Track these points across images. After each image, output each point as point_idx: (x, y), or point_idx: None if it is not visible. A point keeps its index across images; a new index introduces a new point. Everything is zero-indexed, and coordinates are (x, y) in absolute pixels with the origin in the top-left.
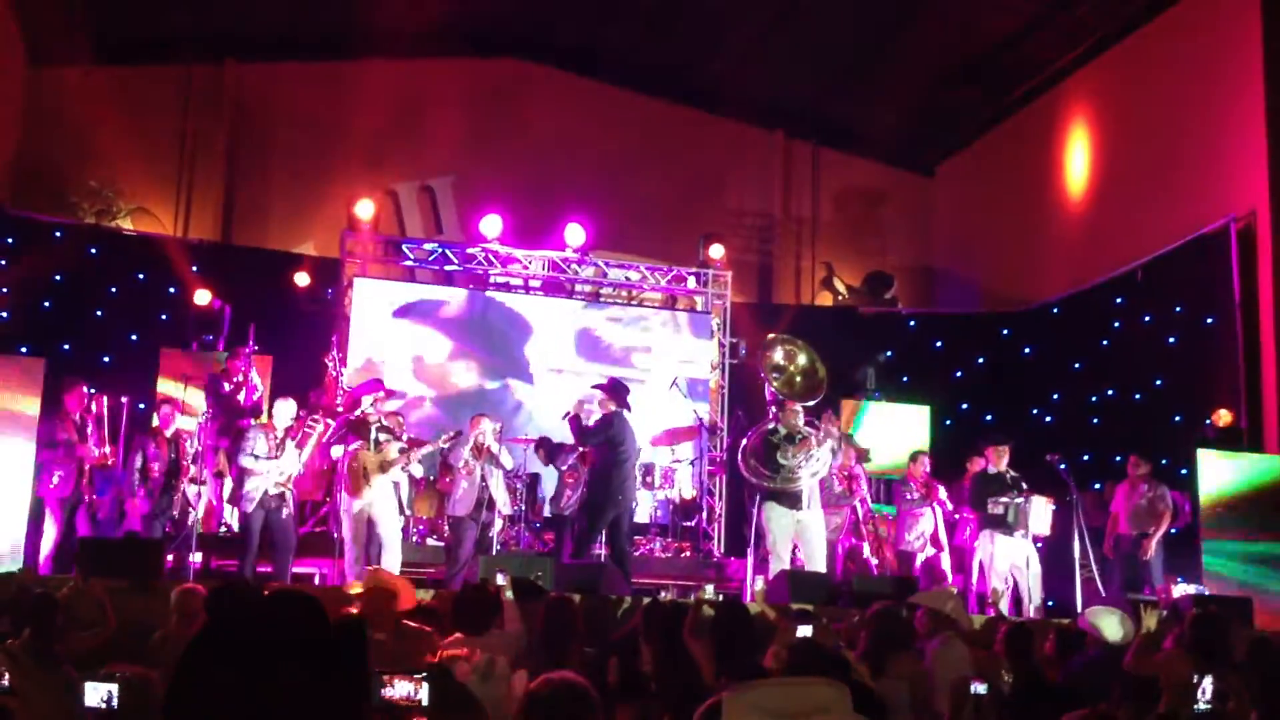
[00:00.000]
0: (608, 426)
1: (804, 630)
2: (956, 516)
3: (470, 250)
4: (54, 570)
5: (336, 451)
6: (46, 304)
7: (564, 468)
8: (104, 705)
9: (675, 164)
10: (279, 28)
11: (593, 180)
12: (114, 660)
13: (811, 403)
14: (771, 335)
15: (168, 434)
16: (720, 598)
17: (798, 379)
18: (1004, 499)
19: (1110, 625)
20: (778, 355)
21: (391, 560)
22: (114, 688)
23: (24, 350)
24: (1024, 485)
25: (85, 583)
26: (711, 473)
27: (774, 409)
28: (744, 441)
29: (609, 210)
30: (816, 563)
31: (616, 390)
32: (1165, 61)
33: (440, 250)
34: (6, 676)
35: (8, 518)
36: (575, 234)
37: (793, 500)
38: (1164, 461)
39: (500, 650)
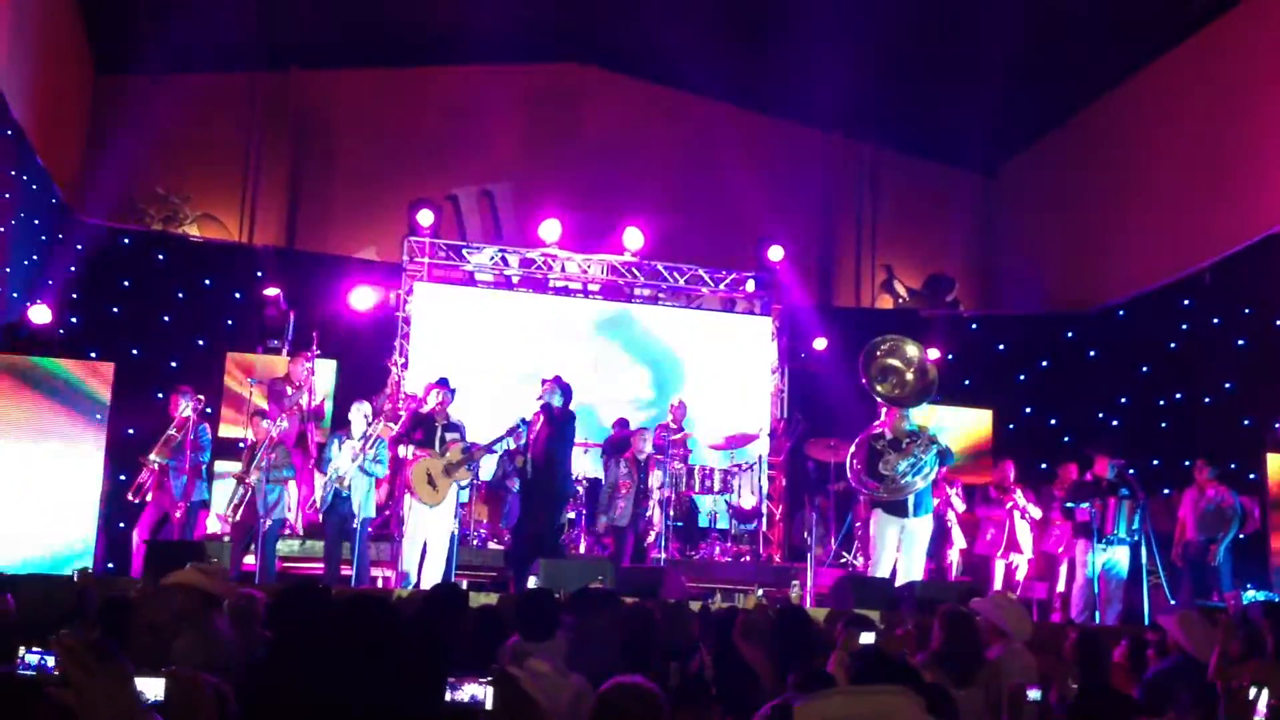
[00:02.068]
0: (572, 420)
1: (867, 637)
2: (1033, 520)
3: (529, 255)
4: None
5: (405, 452)
6: (115, 309)
7: (615, 479)
8: (152, 701)
9: (734, 167)
10: (341, 36)
11: (651, 184)
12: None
13: (922, 405)
14: (875, 340)
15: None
16: (764, 600)
17: (909, 376)
18: (1085, 505)
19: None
20: (885, 358)
21: (433, 570)
22: (162, 684)
23: (93, 355)
24: (1123, 492)
25: (154, 585)
26: (771, 477)
27: (883, 412)
28: (850, 449)
29: (667, 214)
30: (914, 570)
31: (566, 388)
32: (1232, 58)
33: (500, 254)
34: (61, 668)
35: (78, 518)
36: (634, 238)
37: (899, 508)
38: (1233, 466)
39: (562, 655)
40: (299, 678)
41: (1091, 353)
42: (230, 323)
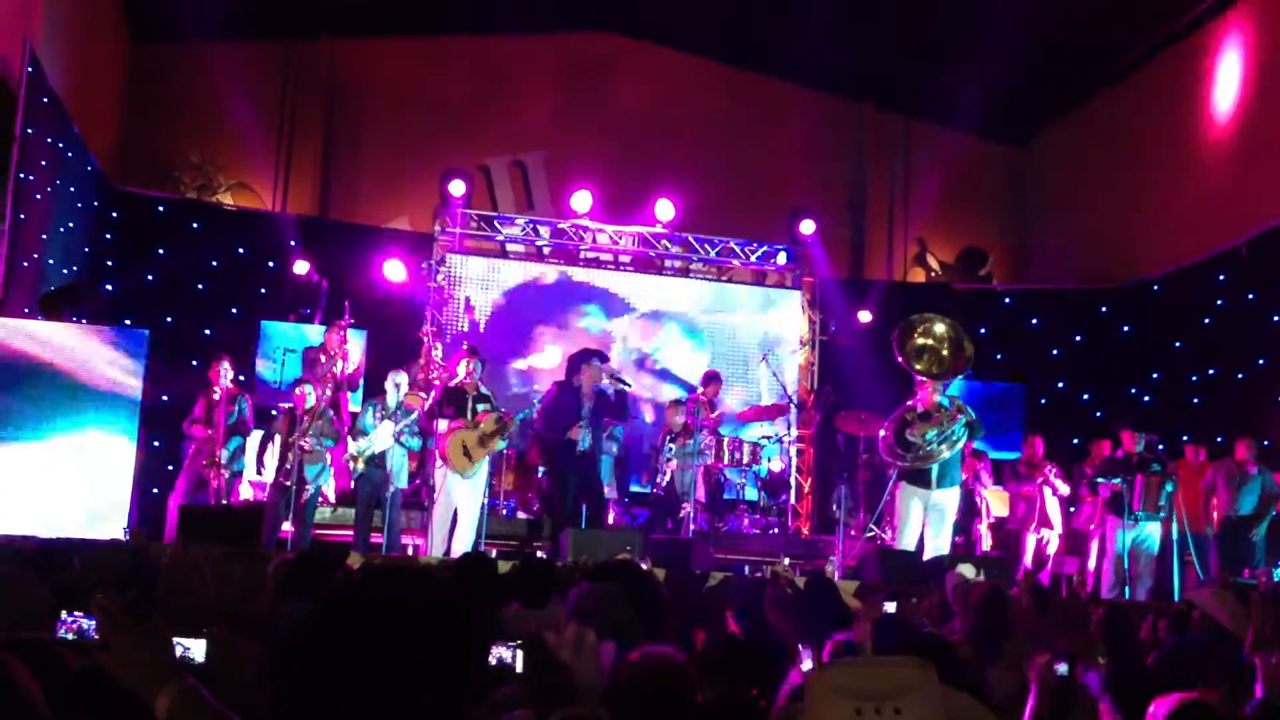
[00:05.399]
0: (549, 402)
1: (889, 607)
2: (1064, 495)
3: (561, 226)
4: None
5: (442, 426)
6: (150, 277)
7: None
8: (192, 661)
9: (765, 138)
10: (372, 4)
11: (683, 155)
12: (210, 624)
13: (959, 377)
14: (905, 320)
15: (299, 413)
16: (789, 569)
17: (943, 351)
18: (1113, 480)
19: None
20: (918, 337)
21: (463, 539)
22: (203, 644)
23: (128, 322)
24: (1155, 467)
25: (186, 551)
26: (800, 450)
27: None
28: (884, 425)
29: (699, 185)
30: (940, 544)
31: (568, 361)
32: (1269, 29)
33: (531, 225)
34: (99, 630)
35: (112, 484)
36: (665, 209)
37: (924, 479)
38: (1266, 443)
39: (561, 622)
40: (335, 645)
41: (1125, 328)
42: (263, 291)
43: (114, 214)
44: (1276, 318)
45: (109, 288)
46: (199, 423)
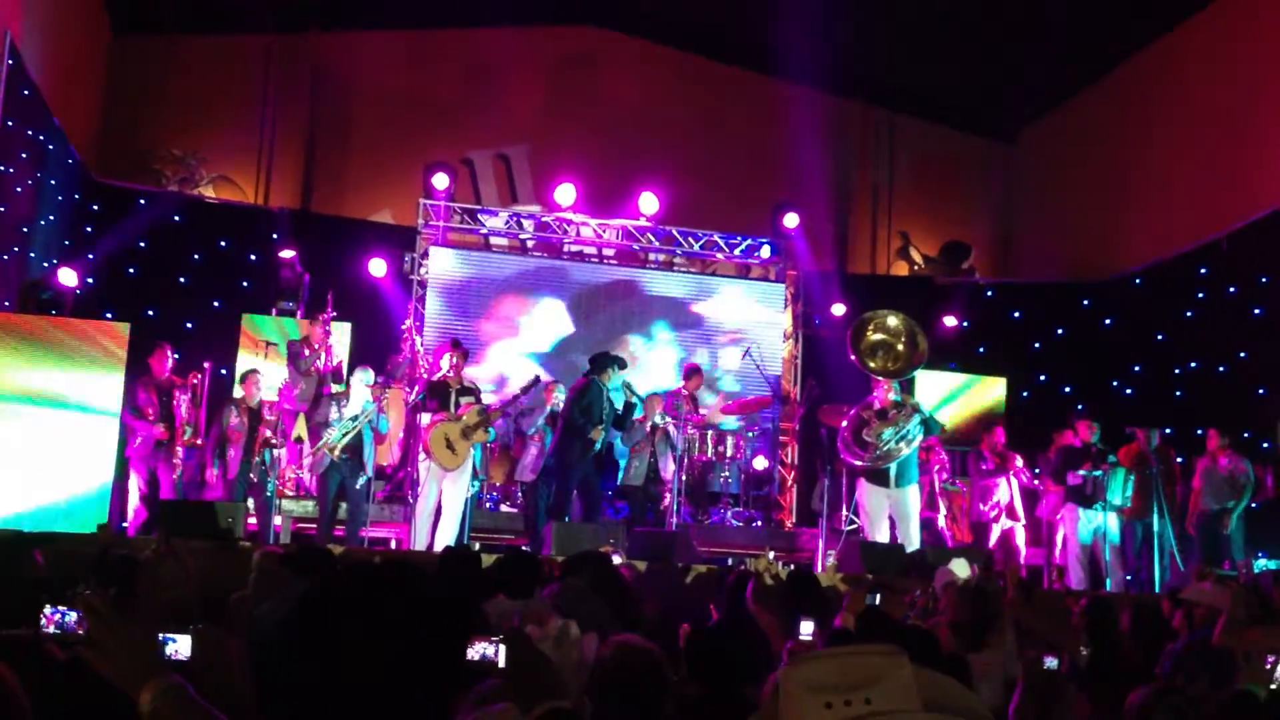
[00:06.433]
0: (579, 394)
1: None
2: (1037, 486)
3: (544, 219)
4: (140, 529)
5: (425, 419)
6: (131, 270)
7: (630, 443)
8: (177, 658)
9: (750, 132)
10: None
11: (667, 148)
12: (191, 619)
13: (917, 370)
14: (860, 317)
15: (252, 404)
16: (774, 562)
17: (899, 347)
18: (1083, 471)
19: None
20: (871, 334)
21: (446, 533)
22: (187, 639)
23: (109, 315)
24: (1110, 459)
25: (167, 545)
26: (783, 443)
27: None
28: (843, 423)
29: (683, 179)
30: (910, 539)
31: (592, 361)
32: (1253, 26)
33: (514, 218)
34: (84, 627)
35: (94, 478)
36: (649, 203)
37: (882, 478)
38: (1246, 435)
39: (544, 614)
40: (318, 639)
41: (1107, 321)
42: (246, 285)
43: (94, 206)
44: (1257, 310)
45: (89, 280)
46: (144, 418)
